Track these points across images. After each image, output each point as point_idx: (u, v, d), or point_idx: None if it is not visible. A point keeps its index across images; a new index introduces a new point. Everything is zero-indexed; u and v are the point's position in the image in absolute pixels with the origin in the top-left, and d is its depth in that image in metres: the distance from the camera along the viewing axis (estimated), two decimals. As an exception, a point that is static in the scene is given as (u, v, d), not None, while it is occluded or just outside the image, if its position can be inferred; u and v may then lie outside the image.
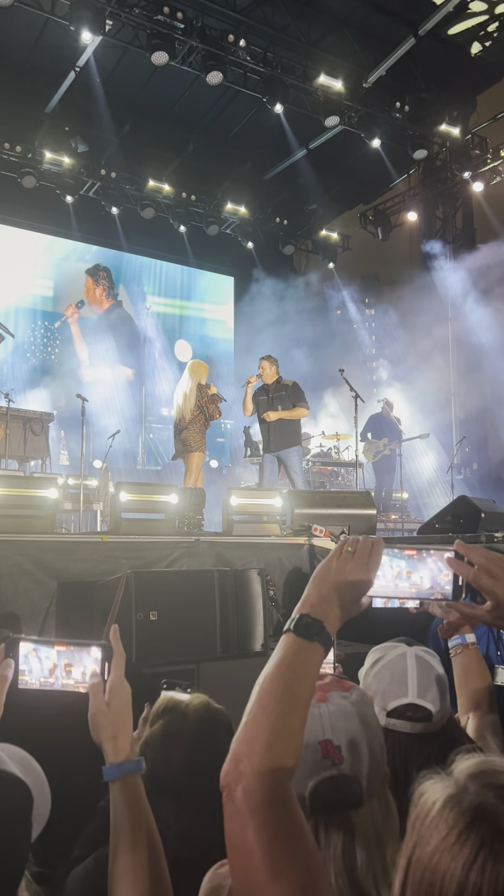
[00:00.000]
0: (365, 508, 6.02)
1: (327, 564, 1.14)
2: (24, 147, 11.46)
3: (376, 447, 10.88)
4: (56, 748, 1.60)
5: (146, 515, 5.26)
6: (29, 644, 1.37)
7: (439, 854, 0.70)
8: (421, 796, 0.75)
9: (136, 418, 13.10)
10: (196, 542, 4.82)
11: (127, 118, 11.98)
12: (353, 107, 11.02)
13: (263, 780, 0.92)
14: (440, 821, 0.71)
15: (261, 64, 10.22)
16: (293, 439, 7.81)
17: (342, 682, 1.20)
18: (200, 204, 13.31)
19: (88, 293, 14.02)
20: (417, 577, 1.22)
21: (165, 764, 1.51)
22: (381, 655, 1.56)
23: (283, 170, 13.56)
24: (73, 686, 1.35)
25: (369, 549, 1.14)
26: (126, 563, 4.36)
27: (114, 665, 1.33)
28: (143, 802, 1.26)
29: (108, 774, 1.26)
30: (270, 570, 4.60)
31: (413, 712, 1.47)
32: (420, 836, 0.73)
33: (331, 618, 1.07)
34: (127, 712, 1.31)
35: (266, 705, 0.98)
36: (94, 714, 1.29)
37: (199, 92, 11.23)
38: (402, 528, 9.83)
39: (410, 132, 11.64)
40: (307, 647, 1.04)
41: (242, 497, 5.61)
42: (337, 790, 1.08)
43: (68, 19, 8.98)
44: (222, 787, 0.94)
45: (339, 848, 1.06)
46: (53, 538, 4.61)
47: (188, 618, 3.77)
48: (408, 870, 0.73)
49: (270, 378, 7.89)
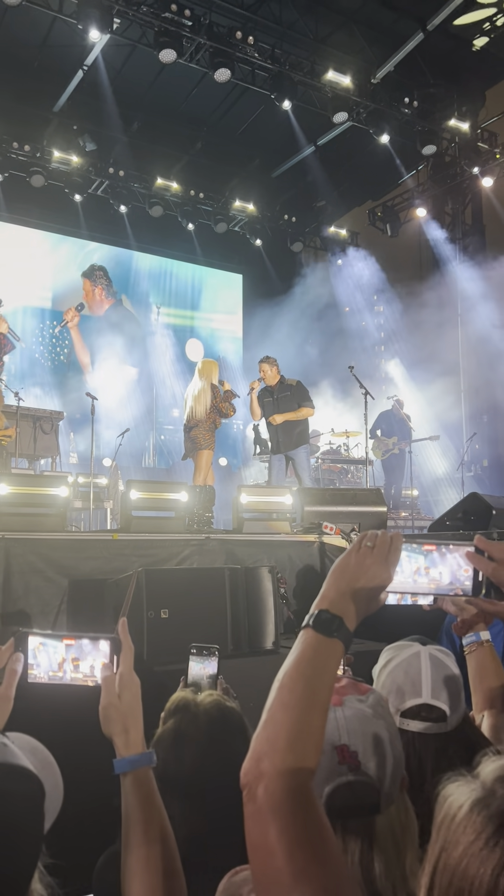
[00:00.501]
0: (375, 506, 6.01)
1: (346, 559, 1.12)
2: (32, 146, 11.47)
3: (385, 445, 10.85)
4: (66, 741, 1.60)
5: (156, 513, 5.26)
6: (37, 638, 1.36)
7: (467, 859, 0.68)
8: (447, 799, 0.73)
9: (145, 418, 13.07)
10: (206, 539, 4.82)
11: (135, 116, 11.98)
12: (361, 103, 10.97)
13: (285, 780, 0.90)
14: (468, 825, 0.70)
15: (269, 61, 10.19)
16: (301, 438, 7.83)
17: (358, 685, 1.18)
18: (209, 201, 13.30)
19: (87, 296, 13.95)
20: (436, 572, 1.21)
21: (176, 763, 1.50)
22: (395, 654, 1.55)
23: (291, 167, 13.53)
24: (82, 680, 1.35)
25: (388, 543, 1.12)
26: (137, 561, 4.36)
27: (123, 658, 1.33)
28: (154, 796, 1.25)
29: (120, 767, 1.25)
30: (281, 567, 4.59)
31: (427, 712, 1.46)
32: (447, 841, 0.71)
33: (350, 613, 1.05)
34: (137, 705, 1.30)
35: (287, 703, 0.96)
36: (106, 707, 1.28)
37: (206, 89, 11.21)
38: (412, 526, 9.79)
39: (419, 128, 11.59)
40: (327, 643, 1.02)
41: (252, 495, 5.61)
42: (354, 796, 1.06)
43: (76, 18, 8.98)
44: (243, 787, 0.93)
45: (356, 856, 1.04)
46: (64, 536, 4.62)
47: (199, 615, 3.77)
48: (434, 874, 0.72)
49: (273, 379, 7.90)
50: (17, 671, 1.31)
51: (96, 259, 14.02)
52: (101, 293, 14.17)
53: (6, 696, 1.28)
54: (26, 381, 11.60)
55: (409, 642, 1.56)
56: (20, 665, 1.32)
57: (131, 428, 10.65)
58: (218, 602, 3.84)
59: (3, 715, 1.27)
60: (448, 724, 1.46)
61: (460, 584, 1.20)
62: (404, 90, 11.33)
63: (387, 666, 1.54)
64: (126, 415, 12.18)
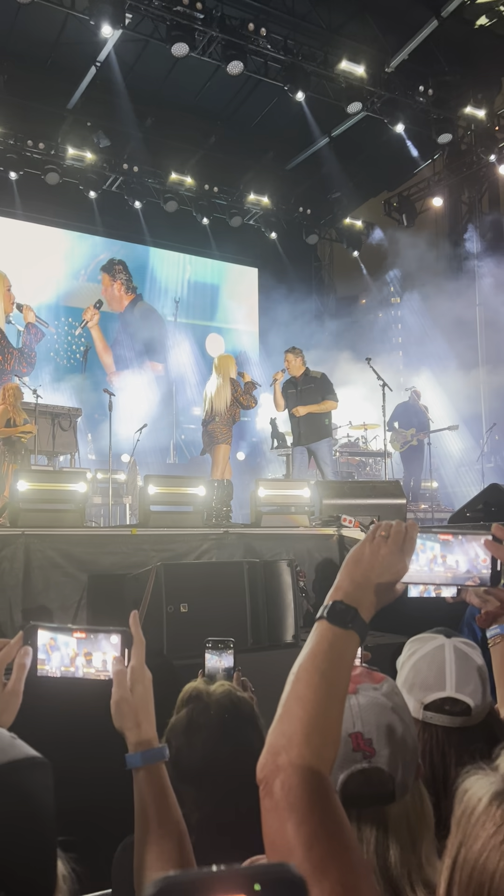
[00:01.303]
0: (394, 498, 5.97)
1: (360, 549, 1.10)
2: (46, 144, 11.51)
3: (404, 437, 10.78)
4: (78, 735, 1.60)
5: (175, 508, 5.26)
6: (48, 632, 1.35)
7: (487, 853, 0.67)
8: (465, 792, 0.72)
9: (166, 416, 13.01)
10: (225, 533, 4.82)
11: (148, 112, 11.96)
12: (375, 92, 10.88)
13: (303, 774, 0.89)
14: (487, 818, 0.68)
15: (281, 52, 10.13)
16: (323, 431, 7.77)
17: (372, 673, 1.17)
18: (223, 196, 13.27)
19: (106, 291, 13.88)
20: (453, 560, 1.18)
21: (188, 752, 1.52)
22: (419, 647, 1.52)
23: (305, 159, 13.45)
24: (94, 674, 1.33)
25: (403, 533, 1.11)
26: (156, 556, 4.37)
27: (134, 652, 1.31)
28: (167, 790, 1.24)
29: (132, 762, 1.24)
30: (300, 561, 4.58)
31: (451, 706, 1.43)
32: (466, 835, 0.69)
33: (365, 604, 1.04)
34: (149, 699, 1.29)
35: (302, 696, 0.95)
36: (118, 701, 1.27)
37: (219, 83, 11.17)
38: (432, 518, 9.73)
39: (434, 116, 11.46)
40: (342, 634, 1.00)
41: (270, 488, 5.59)
42: (368, 784, 1.05)
43: (88, 14, 8.98)
44: (259, 782, 0.91)
45: (372, 844, 1.03)
46: (83, 532, 4.64)
47: (219, 609, 3.77)
48: (454, 869, 0.70)
49: (297, 370, 7.84)
50: (26, 666, 1.30)
51: (112, 255, 14.01)
52: (121, 288, 14.12)
53: (15, 691, 1.27)
54: (42, 377, 11.64)
55: (434, 634, 1.53)
56: (29, 659, 1.31)
57: (152, 427, 10.65)
58: (237, 596, 3.84)
59: (13, 710, 1.26)
60: (473, 717, 1.43)
61: (477, 573, 1.18)
62: (419, 78, 11.21)
63: (410, 658, 1.52)
64: (146, 412, 12.18)
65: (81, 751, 1.99)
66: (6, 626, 3.96)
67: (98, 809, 1.83)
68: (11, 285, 8.12)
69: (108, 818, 1.74)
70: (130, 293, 14.25)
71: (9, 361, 7.85)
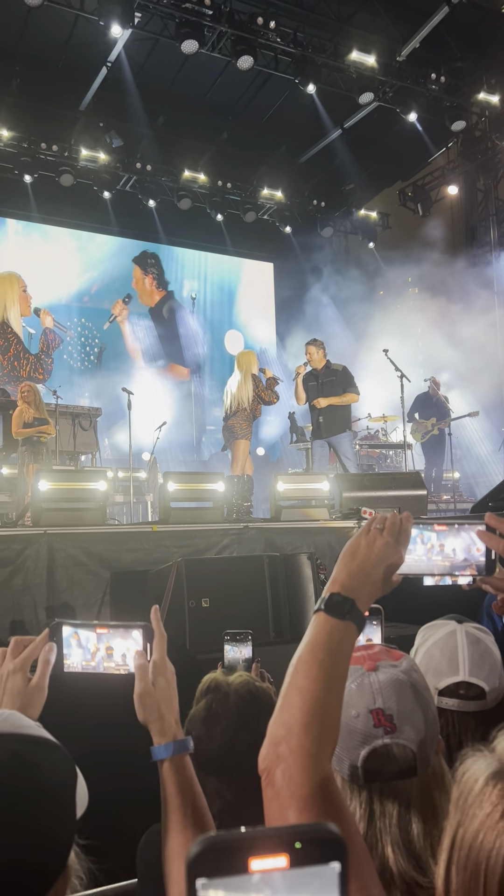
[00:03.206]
0: (415, 489, 5.95)
1: (356, 542, 1.12)
2: (60, 146, 11.59)
3: (424, 427, 10.72)
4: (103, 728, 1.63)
5: (195, 504, 5.30)
6: (71, 628, 1.38)
7: (483, 833, 0.68)
8: (464, 774, 0.73)
9: (186, 413, 13.04)
10: (245, 528, 4.84)
11: (160, 110, 11.99)
12: (387, 81, 10.80)
13: (303, 762, 0.91)
14: (483, 799, 0.69)
15: (291, 45, 10.10)
16: (344, 424, 7.73)
17: (391, 651, 1.19)
18: (237, 191, 13.26)
19: (137, 283, 13.79)
20: (450, 549, 1.20)
21: (208, 741, 1.55)
22: (431, 634, 1.54)
23: (318, 151, 13.38)
24: (115, 668, 1.37)
25: (398, 525, 1.13)
26: (177, 552, 4.40)
27: (155, 645, 1.34)
28: (192, 781, 1.27)
29: (157, 754, 1.27)
30: (320, 554, 4.59)
31: (465, 690, 1.44)
32: (463, 815, 0.70)
33: (362, 596, 1.06)
34: (172, 692, 1.31)
35: (301, 687, 0.97)
36: (141, 695, 1.29)
37: (230, 78, 11.16)
38: (454, 509, 9.68)
39: (447, 103, 11.36)
40: (339, 626, 1.02)
41: (289, 482, 5.61)
42: (390, 759, 1.06)
43: (98, 14, 9.02)
44: (261, 772, 0.93)
45: (394, 818, 1.05)
46: (105, 529, 4.69)
47: (240, 603, 3.80)
48: (452, 850, 0.71)
49: (319, 363, 7.79)
50: (51, 661, 1.33)
51: (128, 255, 14.06)
52: (152, 283, 14.10)
53: (40, 686, 1.31)
54: (60, 378, 11.73)
55: (445, 621, 1.55)
56: (53, 655, 1.34)
57: (173, 424, 10.67)
58: (258, 590, 3.86)
59: (38, 704, 1.30)
60: (488, 701, 1.44)
61: (475, 561, 1.20)
62: (431, 66, 11.11)
63: (423, 645, 1.53)
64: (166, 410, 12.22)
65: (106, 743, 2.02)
66: (31, 625, 4.02)
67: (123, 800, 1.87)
68: (27, 286, 8.14)
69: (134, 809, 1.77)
70: (162, 290, 14.20)
71: (24, 367, 7.89)
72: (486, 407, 12.04)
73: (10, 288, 8.19)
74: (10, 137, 11.16)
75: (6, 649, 1.37)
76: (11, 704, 1.30)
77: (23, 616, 4.03)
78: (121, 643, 1.37)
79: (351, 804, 1.06)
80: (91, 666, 1.38)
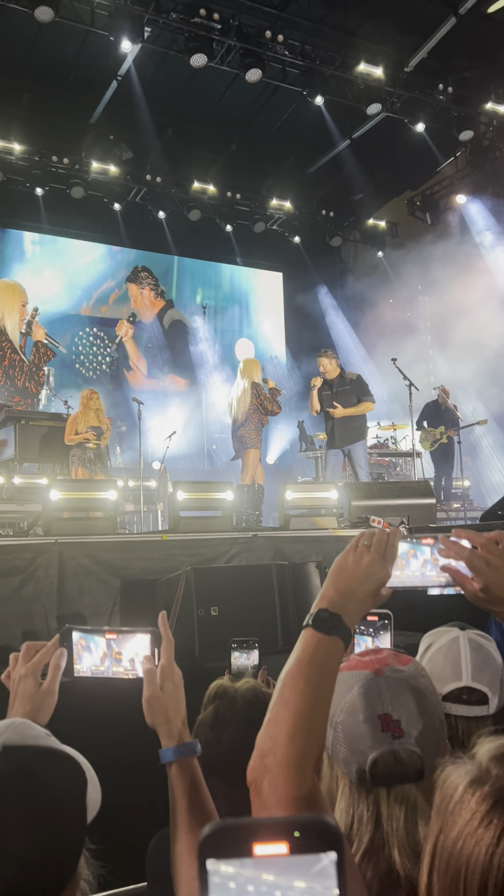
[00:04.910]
0: (423, 498, 5.96)
1: (343, 558, 1.15)
2: (71, 159, 11.72)
3: (433, 436, 10.71)
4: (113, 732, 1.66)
5: (203, 513, 5.33)
6: (80, 633, 1.42)
7: (463, 839, 0.68)
8: (444, 781, 0.74)
9: (196, 422, 13.06)
10: (253, 537, 4.86)
11: (169, 122, 12.10)
12: (394, 92, 10.87)
13: (287, 774, 0.94)
14: (463, 806, 0.70)
15: (299, 57, 10.18)
16: (359, 434, 7.70)
17: (399, 655, 1.20)
18: (245, 202, 13.35)
19: (135, 302, 13.94)
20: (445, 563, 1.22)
21: (216, 745, 1.59)
22: (434, 640, 1.56)
23: (326, 162, 13.46)
24: (123, 673, 1.40)
25: (385, 541, 1.16)
26: (186, 561, 4.43)
27: (163, 650, 1.36)
28: (199, 784, 1.29)
29: (164, 757, 1.29)
30: (329, 563, 4.58)
31: (469, 695, 1.46)
32: (444, 822, 0.71)
33: (349, 611, 1.09)
34: (179, 696, 1.34)
35: (288, 700, 1.00)
36: (149, 699, 1.32)
37: (238, 90, 11.25)
38: (464, 517, 9.65)
39: (455, 113, 11.41)
40: (326, 641, 1.05)
41: (298, 491, 5.62)
42: (398, 764, 1.08)
43: (108, 30, 9.14)
44: (249, 783, 0.96)
45: (401, 822, 1.06)
46: (115, 538, 4.72)
47: (248, 612, 3.81)
48: (433, 856, 0.72)
49: (332, 372, 7.79)
50: (61, 667, 1.37)
51: (134, 267, 14.11)
52: (150, 294, 14.17)
53: (51, 691, 1.34)
54: (70, 390, 11.79)
55: (448, 628, 1.57)
56: (64, 660, 1.38)
57: (182, 434, 10.70)
58: (266, 598, 3.88)
59: (49, 708, 1.33)
60: (490, 706, 1.46)
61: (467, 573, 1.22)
62: (438, 76, 11.17)
63: (426, 652, 1.55)
64: (175, 420, 12.26)
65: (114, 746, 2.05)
66: (42, 633, 4.05)
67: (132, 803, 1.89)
68: (28, 301, 8.19)
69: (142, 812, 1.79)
70: (160, 298, 14.25)
71: (19, 378, 7.96)
72: (496, 414, 12.03)
73: (11, 297, 8.23)
74: (21, 151, 11.30)
75: (18, 654, 1.40)
76: (22, 708, 1.33)
77: (34, 624, 4.07)
78: (129, 648, 1.40)
79: (358, 808, 1.07)
80: (100, 671, 1.41)
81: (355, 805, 1.07)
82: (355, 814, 1.07)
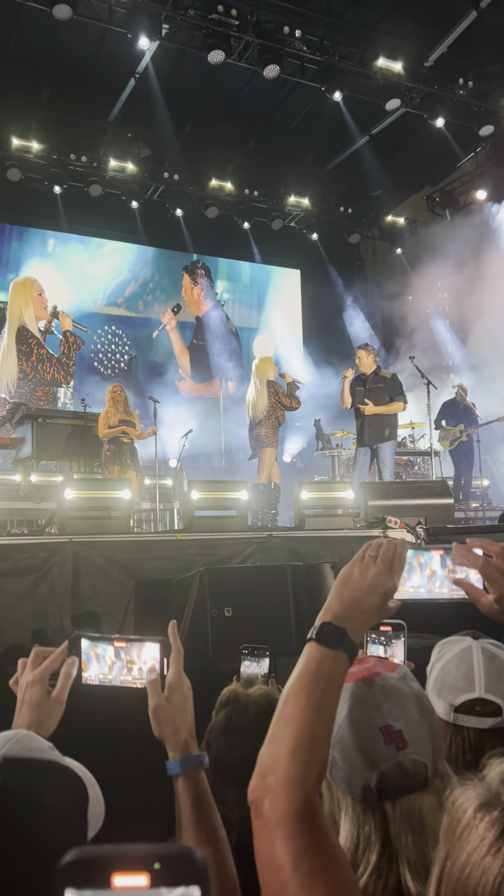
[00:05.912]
0: (441, 498, 5.90)
1: (349, 570, 1.12)
2: (89, 157, 11.74)
3: (452, 434, 10.61)
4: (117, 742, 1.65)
5: (218, 513, 5.31)
6: (89, 641, 1.40)
7: (470, 867, 0.66)
8: (453, 804, 0.71)
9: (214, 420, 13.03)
10: (269, 537, 4.84)
11: (187, 119, 12.09)
12: (414, 88, 10.77)
13: (289, 792, 0.91)
14: (471, 830, 0.67)
15: (317, 53, 10.12)
16: (390, 433, 7.59)
17: (385, 662, 1.17)
18: (263, 199, 13.31)
19: (186, 293, 13.83)
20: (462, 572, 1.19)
21: (228, 751, 1.57)
22: (447, 650, 1.52)
23: (345, 158, 13.39)
24: (132, 682, 1.37)
25: (392, 552, 1.12)
26: (200, 560, 4.42)
27: (172, 660, 1.34)
28: (206, 797, 1.26)
29: (171, 769, 1.27)
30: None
31: (482, 707, 1.42)
32: (452, 847, 0.69)
33: (354, 625, 1.05)
34: (187, 707, 1.31)
35: (290, 717, 0.97)
36: (155, 709, 1.30)
37: (257, 87, 11.22)
38: (483, 517, 9.57)
39: (475, 108, 11.28)
40: (330, 655, 1.01)
41: (313, 491, 5.59)
42: (404, 775, 1.05)
43: (126, 27, 9.13)
44: (250, 803, 0.94)
45: (409, 840, 1.03)
46: (129, 538, 4.72)
47: (263, 612, 3.79)
48: (440, 882, 0.69)
49: (368, 367, 7.69)
50: (72, 675, 1.35)
51: (156, 264, 14.13)
52: (200, 293, 14.17)
53: (59, 699, 1.32)
54: (89, 386, 11.82)
55: (461, 637, 1.53)
56: (75, 669, 1.36)
57: (200, 432, 10.70)
58: (281, 599, 3.85)
59: (56, 716, 1.31)
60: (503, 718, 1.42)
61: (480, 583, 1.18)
62: (458, 71, 11.05)
63: (439, 661, 1.51)
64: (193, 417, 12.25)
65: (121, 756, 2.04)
66: (57, 632, 4.06)
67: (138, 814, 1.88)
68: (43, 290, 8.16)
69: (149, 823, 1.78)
70: (210, 300, 14.23)
71: (48, 371, 7.94)
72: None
73: (26, 293, 8.21)
74: (40, 149, 11.34)
75: (27, 660, 1.39)
76: (29, 715, 1.32)
77: (48, 623, 4.07)
78: (138, 657, 1.38)
79: (364, 827, 1.04)
80: (108, 679, 1.39)
81: (361, 825, 1.04)
82: (361, 834, 1.03)
